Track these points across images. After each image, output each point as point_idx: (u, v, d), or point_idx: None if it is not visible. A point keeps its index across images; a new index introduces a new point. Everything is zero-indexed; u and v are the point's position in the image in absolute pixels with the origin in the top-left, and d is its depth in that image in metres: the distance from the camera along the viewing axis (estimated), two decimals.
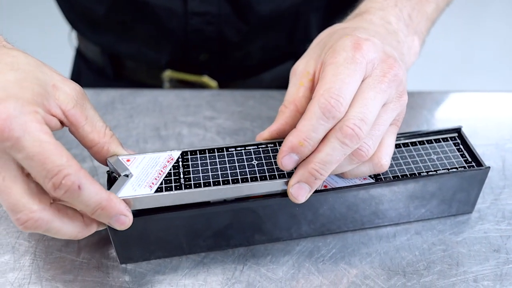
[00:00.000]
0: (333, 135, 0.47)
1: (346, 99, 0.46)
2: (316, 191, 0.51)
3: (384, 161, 0.51)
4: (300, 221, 0.53)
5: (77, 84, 0.48)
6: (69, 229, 0.46)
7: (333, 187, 0.52)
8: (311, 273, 0.52)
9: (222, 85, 0.86)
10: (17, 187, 0.43)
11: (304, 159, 0.48)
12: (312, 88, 0.51)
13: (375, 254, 0.54)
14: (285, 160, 0.48)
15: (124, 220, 0.47)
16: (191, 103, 0.72)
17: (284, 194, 0.50)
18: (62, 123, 0.47)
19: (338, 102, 0.46)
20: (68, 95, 0.47)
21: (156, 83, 0.87)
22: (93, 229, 0.48)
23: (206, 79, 0.84)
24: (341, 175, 0.52)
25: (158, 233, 0.51)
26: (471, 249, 0.54)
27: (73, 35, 0.97)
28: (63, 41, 0.97)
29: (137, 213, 0.49)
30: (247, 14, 0.78)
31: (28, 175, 0.44)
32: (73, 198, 0.43)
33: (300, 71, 0.53)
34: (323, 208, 0.52)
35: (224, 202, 0.50)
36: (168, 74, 0.85)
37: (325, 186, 0.52)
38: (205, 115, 0.70)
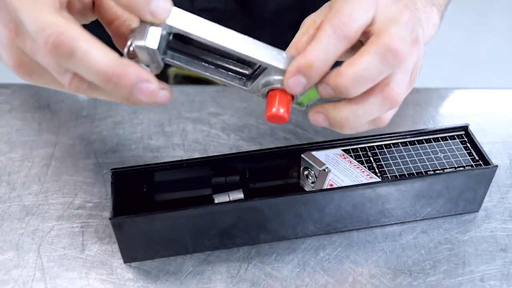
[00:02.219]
0: (374, 48, 0.42)
1: (359, 21, 0.43)
2: (322, 190, 0.50)
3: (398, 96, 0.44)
4: (305, 220, 0.52)
5: None
6: (99, 54, 0.39)
7: (339, 186, 0.51)
8: (316, 272, 0.52)
9: None
10: (47, 10, 0.39)
11: (335, 70, 0.43)
12: None
13: (381, 252, 0.53)
14: (292, 82, 0.43)
15: (149, 88, 0.40)
16: (195, 99, 0.71)
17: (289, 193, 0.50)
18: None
19: (351, 20, 0.42)
20: None
21: (161, 79, 0.86)
22: (132, 72, 0.39)
23: None
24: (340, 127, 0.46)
25: (163, 232, 0.50)
26: (478, 248, 0.54)
27: None
28: None
29: (140, 212, 0.48)
30: (254, 10, 0.77)
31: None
32: (64, 61, 0.39)
33: (308, 22, 0.49)
34: (329, 207, 0.52)
35: (229, 201, 0.50)
36: (173, 70, 0.84)
37: (331, 184, 0.52)
38: (210, 111, 0.69)
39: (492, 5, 2.46)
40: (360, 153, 0.55)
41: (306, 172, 0.55)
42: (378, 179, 0.52)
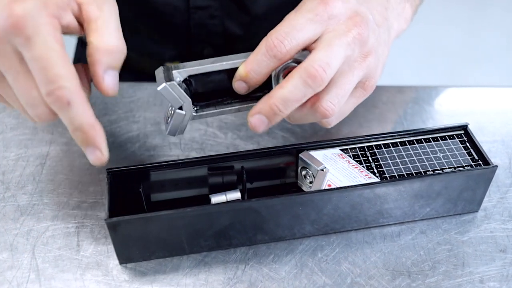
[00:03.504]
0: (297, 73, 0.48)
1: (292, 43, 0.49)
2: (320, 191, 0.50)
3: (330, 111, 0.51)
4: (303, 220, 0.52)
5: None
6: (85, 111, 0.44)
7: (338, 186, 0.51)
8: (314, 273, 0.51)
9: None
10: (22, 78, 0.44)
11: (268, 93, 0.50)
12: None
13: (379, 253, 0.53)
14: (237, 85, 0.51)
15: (99, 156, 0.46)
16: None
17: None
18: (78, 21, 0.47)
19: (282, 43, 0.49)
20: None
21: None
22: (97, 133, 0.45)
23: None
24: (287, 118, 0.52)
25: (159, 232, 0.50)
26: (477, 249, 0.53)
27: None
28: None
29: (136, 212, 0.48)
30: (249, 6, 0.77)
31: None
32: (59, 110, 0.44)
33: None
34: (327, 208, 0.51)
35: (226, 202, 0.49)
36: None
37: (329, 185, 0.51)
38: None
39: (491, 3, 2.45)
40: (359, 152, 0.55)
41: (304, 172, 0.54)
42: (377, 179, 0.52)
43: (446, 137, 0.56)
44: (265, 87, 0.52)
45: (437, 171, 0.53)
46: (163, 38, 0.81)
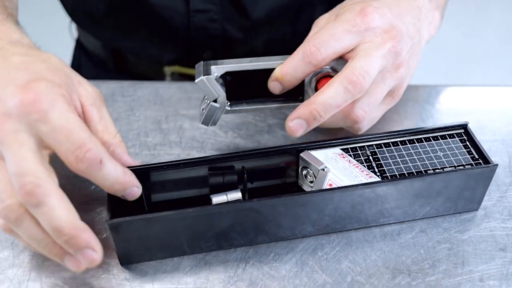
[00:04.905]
0: (338, 80, 0.51)
1: (328, 51, 0.52)
2: (321, 190, 0.50)
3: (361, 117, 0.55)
4: (304, 221, 0.52)
5: (98, 89, 0.52)
6: (62, 213, 0.44)
7: (339, 185, 0.51)
8: (315, 271, 0.51)
9: None
10: (32, 156, 0.44)
11: (309, 99, 0.53)
12: None
13: (380, 252, 0.53)
14: (272, 85, 0.55)
15: (136, 192, 0.49)
16: (192, 96, 0.70)
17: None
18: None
19: (318, 51, 0.52)
20: (89, 93, 0.50)
21: (158, 77, 0.86)
22: (84, 237, 0.45)
23: None
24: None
25: (160, 233, 0.50)
26: (477, 248, 0.53)
27: (73, 26, 0.96)
28: (63, 31, 0.96)
29: (137, 213, 0.48)
30: (249, 10, 0.77)
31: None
32: (94, 172, 0.45)
33: (321, 24, 0.58)
34: (328, 208, 0.51)
35: (227, 202, 0.49)
36: (170, 68, 0.84)
37: (330, 184, 0.51)
38: None
39: (492, 2, 2.45)
40: (359, 152, 0.55)
41: (304, 172, 0.54)
42: (378, 179, 0.52)
43: (446, 136, 0.56)
44: (298, 89, 0.56)
45: (437, 170, 0.53)
46: (163, 41, 0.81)
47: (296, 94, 0.57)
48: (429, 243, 0.54)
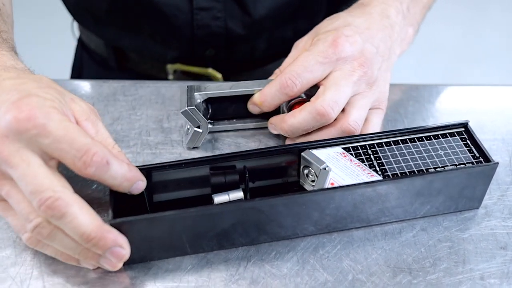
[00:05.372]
0: (309, 109, 0.57)
1: (303, 83, 0.57)
2: (323, 189, 0.50)
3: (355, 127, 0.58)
4: (306, 220, 0.52)
5: (90, 105, 0.52)
6: (85, 219, 0.45)
7: (340, 185, 0.51)
8: (316, 270, 0.52)
9: (227, 76, 0.85)
10: (42, 171, 0.45)
11: (282, 116, 0.59)
12: None
13: (381, 250, 0.53)
14: (251, 107, 0.62)
15: (142, 186, 0.50)
16: None
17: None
18: None
19: (294, 84, 0.57)
20: (83, 109, 0.50)
21: (160, 75, 0.86)
22: (110, 236, 0.47)
23: (211, 70, 0.84)
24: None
25: (161, 234, 0.50)
26: (478, 246, 0.54)
27: (76, 25, 0.96)
28: (65, 30, 0.96)
29: (139, 213, 0.48)
30: (252, 7, 0.77)
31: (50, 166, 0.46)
32: (103, 174, 0.46)
33: (300, 47, 0.64)
34: (329, 207, 0.51)
35: (229, 202, 0.50)
36: (172, 65, 0.84)
37: (331, 183, 0.51)
38: None
39: (492, 2, 2.45)
40: (361, 151, 0.55)
41: (306, 171, 0.54)
42: (379, 177, 0.52)
43: (447, 134, 0.56)
44: (275, 110, 0.62)
45: (438, 169, 0.53)
46: (166, 39, 0.81)
47: (273, 114, 0.62)
48: (430, 241, 0.54)
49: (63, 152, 0.45)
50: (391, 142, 0.56)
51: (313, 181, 0.54)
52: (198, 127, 0.60)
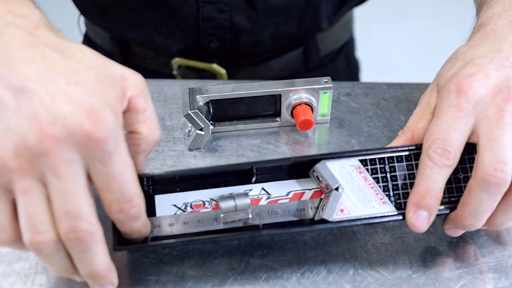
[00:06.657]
0: (477, 185, 0.46)
1: (454, 147, 0.47)
2: (327, 222, 0.50)
3: None
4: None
5: (140, 75, 0.48)
6: (101, 259, 0.44)
7: (350, 212, 0.51)
8: (317, 265, 0.52)
9: (231, 72, 0.86)
10: (85, 195, 0.42)
11: (456, 214, 0.49)
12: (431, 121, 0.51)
13: (381, 245, 0.54)
14: (416, 220, 0.49)
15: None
16: None
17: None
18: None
19: (445, 151, 0.47)
20: (135, 83, 0.46)
21: (165, 70, 0.87)
22: (112, 277, 0.46)
23: (215, 66, 0.85)
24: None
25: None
26: (477, 241, 0.54)
27: (82, 21, 0.97)
28: (71, 27, 0.97)
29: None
30: (258, 1, 0.78)
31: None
32: (126, 223, 0.45)
33: (424, 102, 0.53)
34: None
35: (233, 229, 0.51)
36: (177, 60, 0.85)
37: (341, 210, 0.50)
38: None
39: None
40: (378, 166, 0.52)
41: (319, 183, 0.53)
42: (391, 206, 0.51)
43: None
44: (275, 111, 0.64)
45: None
46: (171, 32, 0.82)
47: (273, 115, 0.64)
48: (430, 236, 0.55)
49: (110, 189, 0.42)
50: (412, 155, 0.52)
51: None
52: (201, 129, 0.61)
